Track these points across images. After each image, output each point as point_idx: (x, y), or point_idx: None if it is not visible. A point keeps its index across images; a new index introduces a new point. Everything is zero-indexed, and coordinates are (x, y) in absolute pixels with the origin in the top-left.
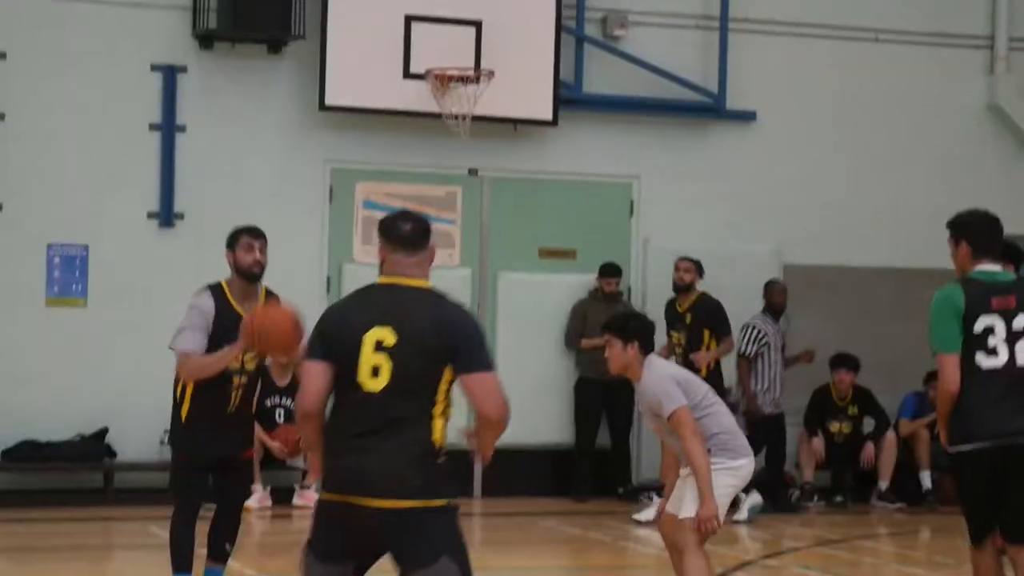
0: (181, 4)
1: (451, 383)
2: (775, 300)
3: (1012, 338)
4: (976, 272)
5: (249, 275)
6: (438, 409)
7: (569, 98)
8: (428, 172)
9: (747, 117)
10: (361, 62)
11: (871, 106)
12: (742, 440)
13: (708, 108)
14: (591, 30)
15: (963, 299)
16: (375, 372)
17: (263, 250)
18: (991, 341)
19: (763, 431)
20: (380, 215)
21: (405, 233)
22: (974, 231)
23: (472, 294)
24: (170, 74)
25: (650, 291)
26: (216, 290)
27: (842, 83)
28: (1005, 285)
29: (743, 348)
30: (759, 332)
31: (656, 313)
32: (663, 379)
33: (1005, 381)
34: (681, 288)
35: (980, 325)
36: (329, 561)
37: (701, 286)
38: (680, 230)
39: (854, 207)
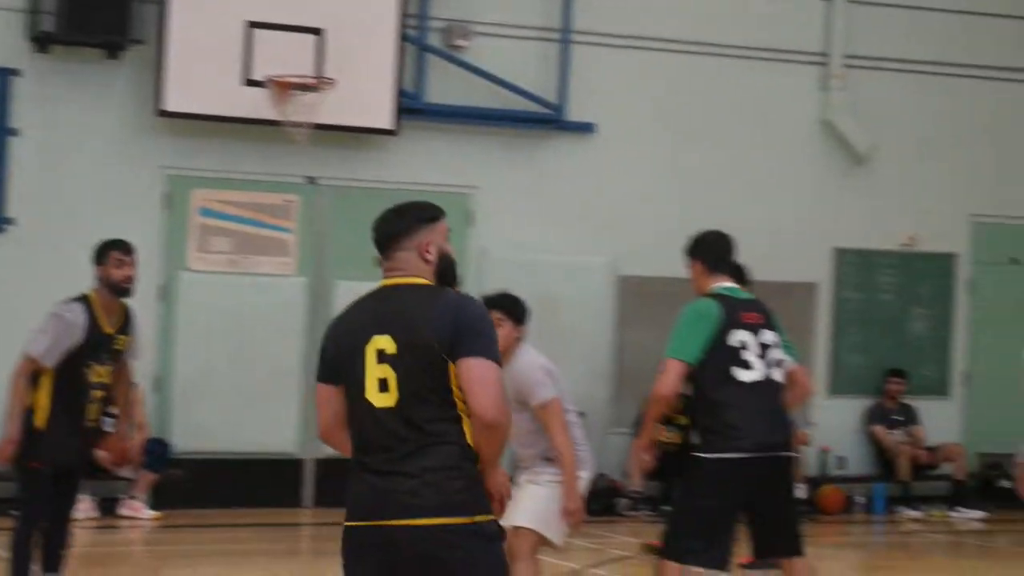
0: (15, 6)
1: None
2: None
3: (763, 352)
4: (719, 288)
5: (121, 290)
6: (463, 409)
7: (410, 108)
8: (266, 180)
9: (586, 129)
10: (201, 68)
11: (707, 120)
12: (585, 452)
13: (548, 120)
14: (434, 40)
15: (719, 312)
16: (383, 386)
17: (134, 265)
18: (744, 355)
19: None
20: (216, 223)
21: (377, 232)
22: (706, 249)
23: (308, 303)
24: (3, 77)
25: None
26: (85, 303)
27: (680, 97)
28: (748, 301)
29: None
30: None
31: None
32: (537, 368)
33: (763, 394)
34: None
35: (735, 339)
36: None
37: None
38: (517, 241)
39: (689, 220)
